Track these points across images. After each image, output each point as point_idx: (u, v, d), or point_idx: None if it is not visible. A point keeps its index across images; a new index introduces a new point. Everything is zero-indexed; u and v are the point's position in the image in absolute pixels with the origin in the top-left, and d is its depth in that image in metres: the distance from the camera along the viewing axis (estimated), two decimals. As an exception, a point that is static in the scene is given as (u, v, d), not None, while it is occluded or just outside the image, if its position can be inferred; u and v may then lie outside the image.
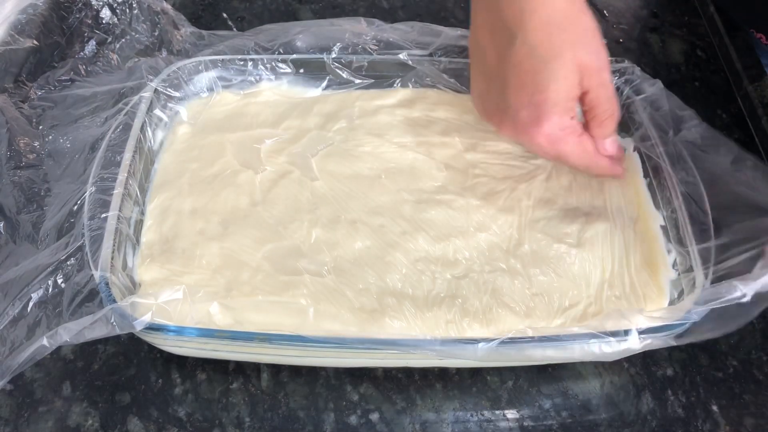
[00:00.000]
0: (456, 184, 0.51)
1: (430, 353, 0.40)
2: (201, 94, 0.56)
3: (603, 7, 0.73)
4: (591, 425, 0.45)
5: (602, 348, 0.40)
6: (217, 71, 0.56)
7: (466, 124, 0.55)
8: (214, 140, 0.53)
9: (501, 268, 0.46)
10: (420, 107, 0.56)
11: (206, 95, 0.56)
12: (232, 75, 0.56)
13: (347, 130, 0.54)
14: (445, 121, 0.55)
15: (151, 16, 0.58)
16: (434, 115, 0.55)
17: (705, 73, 0.66)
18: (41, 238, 0.45)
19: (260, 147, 0.52)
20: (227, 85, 0.57)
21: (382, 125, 0.54)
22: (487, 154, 0.53)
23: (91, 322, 0.38)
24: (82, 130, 0.51)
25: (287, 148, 0.53)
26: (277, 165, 0.52)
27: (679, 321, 0.40)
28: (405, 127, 0.54)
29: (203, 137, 0.53)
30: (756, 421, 0.45)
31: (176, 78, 0.55)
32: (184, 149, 0.53)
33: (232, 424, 0.44)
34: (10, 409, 0.44)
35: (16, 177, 0.49)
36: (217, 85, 0.56)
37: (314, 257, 0.46)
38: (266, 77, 0.57)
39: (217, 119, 0.55)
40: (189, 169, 0.51)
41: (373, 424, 0.44)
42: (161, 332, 0.39)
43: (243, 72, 0.56)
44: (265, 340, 0.40)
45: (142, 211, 0.49)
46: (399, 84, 0.57)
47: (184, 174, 0.51)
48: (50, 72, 0.54)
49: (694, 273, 0.44)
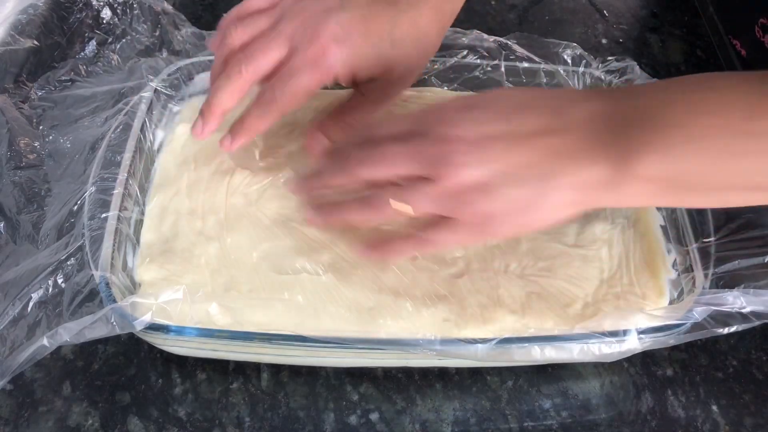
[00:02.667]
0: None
1: (429, 353, 0.40)
2: (201, 94, 0.56)
3: (603, 7, 0.73)
4: (591, 425, 0.45)
5: (601, 348, 0.40)
6: (217, 71, 0.56)
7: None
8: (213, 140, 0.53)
9: (499, 267, 0.46)
10: (418, 106, 0.56)
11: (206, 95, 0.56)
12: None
13: None
14: (444, 121, 0.55)
15: (152, 16, 0.57)
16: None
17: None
18: (41, 238, 0.45)
19: (256, 146, 0.52)
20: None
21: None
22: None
23: (92, 322, 0.38)
24: (82, 130, 0.51)
25: (284, 147, 0.53)
26: (273, 163, 0.52)
27: (679, 321, 0.40)
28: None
29: (203, 137, 0.53)
30: (756, 421, 0.45)
31: (176, 78, 0.55)
32: (183, 149, 0.53)
33: (232, 424, 0.44)
34: (10, 409, 0.44)
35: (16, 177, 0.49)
36: (217, 85, 0.56)
37: (312, 256, 0.46)
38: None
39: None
40: (188, 168, 0.51)
41: (373, 424, 0.44)
42: (161, 332, 0.39)
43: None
44: (265, 340, 0.40)
45: (142, 211, 0.49)
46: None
47: (183, 174, 0.51)
48: (50, 72, 0.54)
49: (694, 273, 0.44)
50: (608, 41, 0.70)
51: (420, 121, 0.39)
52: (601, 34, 0.71)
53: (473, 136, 0.37)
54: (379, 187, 0.40)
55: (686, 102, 0.35)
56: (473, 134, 0.37)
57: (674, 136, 0.34)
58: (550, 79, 0.57)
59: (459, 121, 0.38)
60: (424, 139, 0.38)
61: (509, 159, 0.36)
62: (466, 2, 0.51)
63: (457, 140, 0.37)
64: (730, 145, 0.34)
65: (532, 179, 0.36)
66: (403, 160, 0.38)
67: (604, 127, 0.36)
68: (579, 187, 0.36)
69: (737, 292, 0.40)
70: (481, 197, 0.37)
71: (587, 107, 0.37)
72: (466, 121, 0.38)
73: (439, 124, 0.38)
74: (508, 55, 0.57)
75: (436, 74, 0.57)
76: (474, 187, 0.37)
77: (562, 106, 0.38)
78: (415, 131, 0.39)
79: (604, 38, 0.70)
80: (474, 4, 0.71)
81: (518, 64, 0.57)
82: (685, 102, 0.35)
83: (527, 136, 0.37)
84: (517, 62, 0.57)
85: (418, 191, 0.38)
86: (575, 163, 0.36)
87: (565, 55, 0.57)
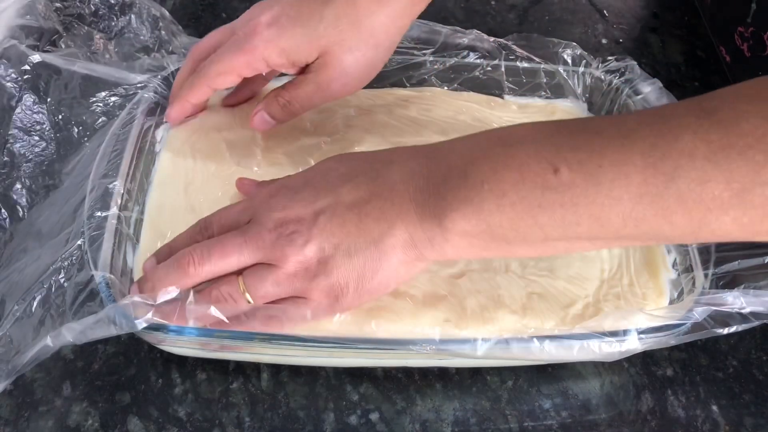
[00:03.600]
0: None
1: (429, 352, 0.40)
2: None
3: (603, 7, 0.73)
4: (591, 425, 0.45)
5: (602, 347, 0.40)
6: (217, 71, 0.56)
7: (463, 123, 0.55)
8: (212, 139, 0.53)
9: (499, 267, 0.46)
10: (417, 106, 0.56)
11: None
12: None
13: (344, 128, 0.54)
14: (442, 121, 0.55)
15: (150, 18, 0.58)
16: (432, 114, 0.55)
17: (705, 73, 0.66)
18: (43, 237, 0.45)
19: (257, 146, 0.52)
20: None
21: (379, 124, 0.54)
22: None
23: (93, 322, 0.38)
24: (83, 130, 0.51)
25: (284, 147, 0.53)
26: (273, 164, 0.52)
27: (679, 321, 0.40)
28: (402, 127, 0.54)
29: (202, 137, 0.53)
30: (756, 421, 0.45)
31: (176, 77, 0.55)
32: (183, 149, 0.53)
33: (232, 424, 0.44)
34: (10, 409, 0.44)
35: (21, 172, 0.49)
36: (217, 85, 0.56)
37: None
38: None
39: (217, 119, 0.55)
40: (188, 168, 0.51)
41: (373, 424, 0.44)
42: (161, 332, 0.39)
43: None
44: (265, 340, 0.40)
45: (142, 211, 0.49)
46: (397, 83, 0.57)
47: (183, 173, 0.51)
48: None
49: (694, 273, 0.44)
50: (608, 41, 0.70)
51: (253, 209, 0.40)
52: (601, 34, 0.71)
53: (307, 215, 0.39)
54: (222, 280, 0.40)
55: (491, 158, 0.36)
56: (306, 212, 0.39)
57: (482, 192, 0.35)
58: (550, 79, 0.57)
59: (290, 203, 0.39)
60: (260, 227, 0.39)
61: (342, 230, 0.38)
62: (465, 2, 0.51)
63: (294, 221, 0.38)
64: (530, 198, 0.35)
65: (365, 245, 0.38)
66: (244, 250, 0.39)
67: (417, 188, 0.38)
68: (407, 246, 0.38)
69: (737, 292, 0.40)
70: (324, 272, 0.38)
71: (401, 169, 0.39)
72: (296, 202, 0.39)
73: (272, 210, 0.39)
74: (508, 55, 0.57)
75: (436, 74, 0.57)
76: (316, 264, 0.38)
77: (378, 171, 0.39)
78: (251, 220, 0.40)
79: (604, 38, 0.70)
80: (474, 4, 0.71)
81: (518, 64, 0.57)
82: (490, 158, 0.36)
83: (354, 205, 0.38)
84: (517, 62, 0.57)
85: (263, 279, 0.39)
86: (394, 226, 0.38)
87: (565, 55, 0.57)
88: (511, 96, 0.58)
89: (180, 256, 0.40)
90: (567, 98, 0.58)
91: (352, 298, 0.39)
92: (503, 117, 0.57)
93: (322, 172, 0.41)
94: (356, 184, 0.39)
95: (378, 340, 0.42)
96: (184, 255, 0.40)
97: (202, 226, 0.42)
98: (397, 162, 0.40)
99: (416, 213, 0.37)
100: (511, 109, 0.57)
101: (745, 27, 0.58)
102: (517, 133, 0.37)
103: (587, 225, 0.34)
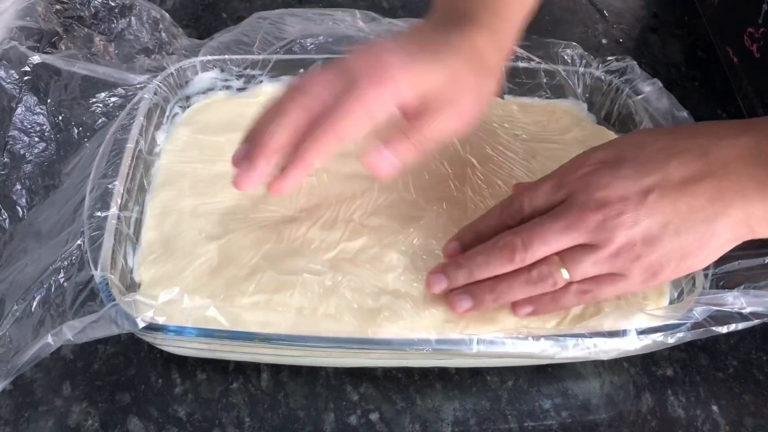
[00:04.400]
0: (455, 182, 0.51)
1: (428, 352, 0.40)
2: (201, 94, 0.56)
3: (603, 7, 0.73)
4: (591, 425, 0.45)
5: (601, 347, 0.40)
6: (217, 71, 0.56)
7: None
8: (214, 140, 0.53)
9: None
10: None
11: (206, 95, 0.56)
12: (232, 75, 0.57)
13: None
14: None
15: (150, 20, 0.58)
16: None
17: (705, 73, 0.66)
18: (43, 237, 0.45)
19: None
20: (227, 85, 0.57)
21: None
22: (486, 152, 0.53)
23: (93, 321, 0.38)
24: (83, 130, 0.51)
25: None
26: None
27: (679, 321, 0.40)
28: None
29: (203, 137, 0.53)
30: (756, 421, 0.45)
31: (176, 78, 0.55)
32: (184, 149, 0.53)
33: (232, 424, 0.44)
34: (10, 409, 0.44)
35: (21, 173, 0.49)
36: (218, 85, 0.57)
37: (312, 257, 0.46)
38: (266, 77, 0.57)
39: (217, 119, 0.55)
40: (189, 169, 0.51)
41: (373, 424, 0.44)
42: (161, 332, 0.39)
43: (243, 72, 0.56)
44: (265, 340, 0.40)
45: (141, 211, 0.49)
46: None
47: (184, 174, 0.51)
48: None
49: (694, 273, 0.44)
50: (608, 41, 0.70)
51: (568, 188, 0.39)
52: (601, 34, 0.71)
53: (632, 194, 0.38)
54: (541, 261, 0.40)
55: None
56: (631, 191, 0.38)
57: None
58: (551, 79, 0.57)
59: (613, 181, 0.38)
60: (582, 209, 0.38)
61: (673, 209, 0.37)
62: (466, 2, 0.51)
63: (619, 201, 0.37)
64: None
65: (698, 224, 0.37)
66: (566, 236, 0.38)
67: (756, 165, 0.37)
68: (739, 224, 0.37)
69: (737, 293, 0.40)
70: (649, 251, 0.38)
71: (734, 144, 0.38)
72: (619, 180, 0.38)
73: (593, 190, 0.38)
74: (508, 55, 0.57)
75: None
76: (641, 244, 0.38)
77: (706, 146, 0.38)
78: (565, 201, 0.39)
79: (604, 38, 0.70)
80: (474, 4, 0.71)
81: (518, 64, 0.57)
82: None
83: (683, 184, 0.38)
84: (517, 62, 0.57)
85: (583, 261, 0.38)
86: (731, 205, 0.37)
87: (565, 55, 0.57)
88: (511, 96, 0.58)
89: (502, 244, 0.40)
90: (567, 98, 0.58)
91: (669, 274, 0.39)
92: (503, 117, 0.57)
93: (637, 146, 0.39)
94: (683, 161, 0.38)
95: (378, 340, 0.42)
96: (505, 243, 0.39)
97: (515, 209, 0.41)
98: (725, 138, 0.38)
99: (756, 190, 0.37)
100: (511, 109, 0.57)
101: (756, 28, 0.58)
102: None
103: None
